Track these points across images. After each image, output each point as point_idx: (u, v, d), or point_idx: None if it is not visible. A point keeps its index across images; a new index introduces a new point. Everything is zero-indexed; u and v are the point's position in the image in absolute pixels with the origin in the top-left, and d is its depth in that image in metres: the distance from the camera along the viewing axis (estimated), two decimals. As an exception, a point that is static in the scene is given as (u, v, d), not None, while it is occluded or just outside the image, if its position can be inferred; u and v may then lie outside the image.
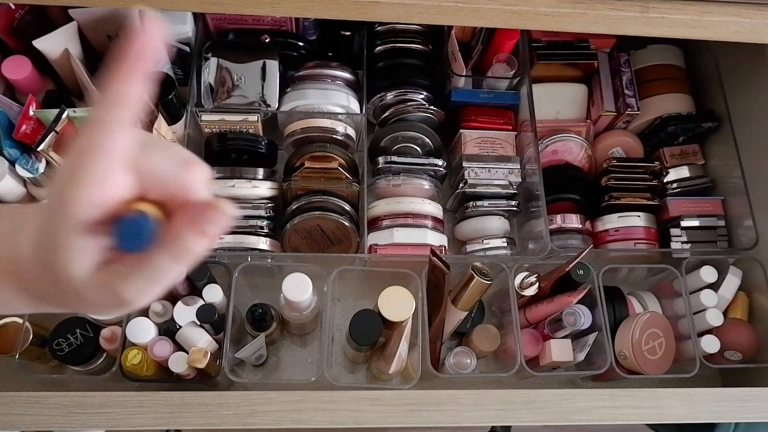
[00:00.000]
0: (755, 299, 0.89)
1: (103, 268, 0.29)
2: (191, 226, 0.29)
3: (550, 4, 0.65)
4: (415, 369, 0.78)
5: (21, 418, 0.63)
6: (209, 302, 0.79)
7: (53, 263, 0.29)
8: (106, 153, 0.27)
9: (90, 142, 0.27)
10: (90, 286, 0.29)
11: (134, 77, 0.27)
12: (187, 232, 0.29)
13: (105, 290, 0.29)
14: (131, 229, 0.28)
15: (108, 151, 0.27)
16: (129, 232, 0.28)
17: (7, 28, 0.79)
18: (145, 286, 0.29)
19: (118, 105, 0.27)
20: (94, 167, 0.27)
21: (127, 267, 0.29)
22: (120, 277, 0.29)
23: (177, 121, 0.86)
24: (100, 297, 0.30)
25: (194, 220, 0.29)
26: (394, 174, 0.90)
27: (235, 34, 0.91)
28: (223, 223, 0.29)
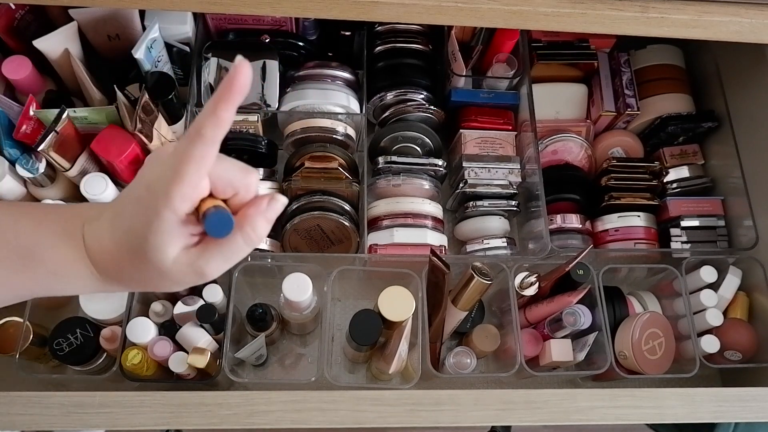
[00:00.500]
0: (755, 299, 0.89)
1: (189, 251, 0.37)
2: (260, 215, 0.37)
3: (550, 4, 0.65)
4: (415, 369, 0.78)
5: (21, 418, 0.63)
6: (209, 302, 0.79)
7: (151, 247, 0.36)
8: (205, 161, 0.34)
9: (194, 151, 0.34)
10: (177, 265, 0.37)
11: (233, 107, 0.34)
12: (258, 219, 0.37)
13: (191, 268, 0.37)
14: (220, 220, 0.35)
15: (206, 160, 0.34)
16: (218, 222, 0.35)
17: (7, 28, 0.79)
18: (223, 263, 0.37)
19: (220, 126, 0.34)
20: (195, 171, 0.34)
21: (210, 249, 0.37)
22: (204, 257, 0.37)
23: (177, 121, 0.86)
24: (183, 274, 0.37)
25: (262, 210, 0.37)
26: (394, 174, 0.90)
27: (235, 34, 0.91)
28: (280, 210, 0.38)
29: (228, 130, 0.34)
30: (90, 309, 0.79)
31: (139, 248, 0.36)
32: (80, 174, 0.82)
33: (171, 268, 0.37)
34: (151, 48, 0.82)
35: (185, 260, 0.37)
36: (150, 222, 0.35)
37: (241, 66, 0.33)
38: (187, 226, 0.36)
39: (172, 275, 0.37)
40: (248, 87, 0.34)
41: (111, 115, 0.81)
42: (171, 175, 0.34)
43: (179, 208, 0.35)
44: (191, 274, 0.37)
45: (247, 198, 0.38)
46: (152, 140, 0.80)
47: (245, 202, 0.38)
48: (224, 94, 0.33)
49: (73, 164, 0.81)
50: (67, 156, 0.79)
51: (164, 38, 0.85)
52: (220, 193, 0.37)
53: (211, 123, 0.34)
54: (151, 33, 0.81)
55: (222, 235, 0.36)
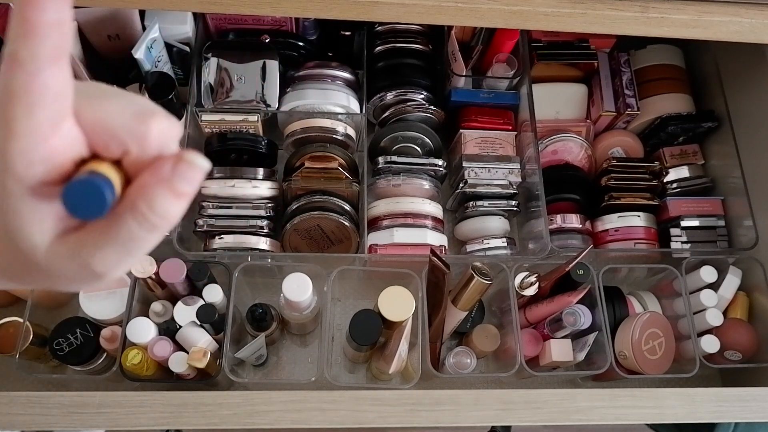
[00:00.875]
0: (755, 299, 0.89)
1: (68, 237, 0.26)
2: (162, 185, 0.25)
3: (550, 4, 0.65)
4: (415, 369, 0.78)
5: (21, 418, 0.63)
6: (209, 302, 0.79)
7: (11, 233, 0.25)
8: (37, 96, 0.23)
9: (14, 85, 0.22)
10: (56, 258, 0.26)
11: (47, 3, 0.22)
12: (157, 191, 0.25)
13: (74, 261, 0.26)
14: (82, 192, 0.24)
15: (38, 94, 0.23)
16: (80, 196, 0.24)
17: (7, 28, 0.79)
18: (118, 257, 0.26)
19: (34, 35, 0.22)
20: (25, 114, 0.23)
21: (94, 235, 0.25)
22: (88, 246, 0.25)
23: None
24: (68, 269, 0.26)
25: (163, 176, 0.25)
26: (394, 174, 0.90)
27: (235, 34, 0.91)
28: (197, 177, 0.26)
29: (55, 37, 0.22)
30: (90, 309, 0.79)
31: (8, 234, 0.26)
32: (80, 174, 0.82)
33: (45, 260, 0.26)
34: (151, 48, 0.82)
35: (63, 250, 0.26)
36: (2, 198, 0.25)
37: None
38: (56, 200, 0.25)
39: (52, 269, 0.26)
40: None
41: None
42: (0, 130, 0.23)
43: (25, 173, 0.24)
44: (77, 268, 0.26)
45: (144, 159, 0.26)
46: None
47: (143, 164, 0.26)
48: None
49: (73, 164, 0.81)
50: (67, 156, 0.79)
51: (164, 38, 0.85)
52: (103, 149, 0.26)
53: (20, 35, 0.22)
54: (151, 33, 0.81)
55: (90, 215, 0.24)
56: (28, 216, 0.25)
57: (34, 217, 0.25)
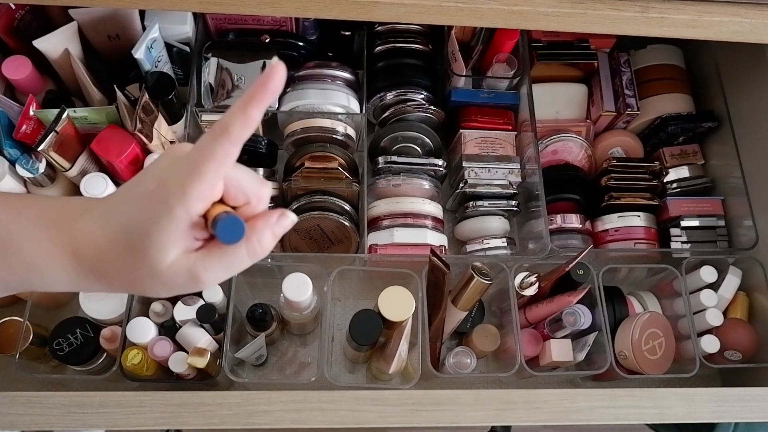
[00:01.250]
0: (755, 299, 0.89)
1: (190, 255, 0.35)
2: (269, 229, 0.36)
3: (550, 4, 0.65)
4: (415, 369, 0.78)
5: (21, 418, 0.63)
6: (209, 302, 0.79)
7: (149, 245, 0.34)
8: (226, 160, 0.33)
9: (217, 148, 0.32)
10: (173, 268, 0.35)
11: (263, 107, 0.32)
12: (266, 233, 0.36)
13: (187, 273, 0.35)
14: (233, 225, 0.34)
15: (227, 159, 0.33)
16: (231, 227, 0.34)
17: (7, 28, 0.79)
18: (222, 272, 0.36)
19: (247, 125, 0.32)
20: (215, 169, 0.33)
21: (212, 256, 0.35)
22: (204, 263, 0.35)
23: (177, 121, 0.86)
24: (178, 278, 0.35)
25: (271, 224, 0.36)
26: (394, 174, 0.90)
27: (235, 34, 0.91)
28: (288, 227, 0.37)
29: (254, 131, 0.33)
30: (90, 309, 0.79)
31: (138, 245, 0.34)
32: (80, 174, 0.82)
33: (166, 270, 0.35)
34: (151, 48, 0.82)
35: (183, 264, 0.35)
36: (158, 218, 0.33)
37: (278, 67, 0.32)
38: (194, 229, 0.35)
39: (166, 278, 0.35)
40: (280, 89, 0.33)
41: (111, 115, 0.81)
42: (189, 171, 0.33)
43: (193, 207, 0.33)
44: (186, 279, 0.35)
45: (257, 209, 0.37)
46: (152, 140, 0.80)
47: (255, 213, 0.37)
48: (257, 93, 0.32)
49: (73, 164, 0.81)
50: (67, 156, 0.80)
51: (164, 38, 0.85)
52: (232, 199, 0.36)
53: (239, 121, 0.32)
54: (151, 33, 0.81)
55: (233, 241, 0.34)
56: (176, 235, 0.34)
57: (179, 237, 0.34)
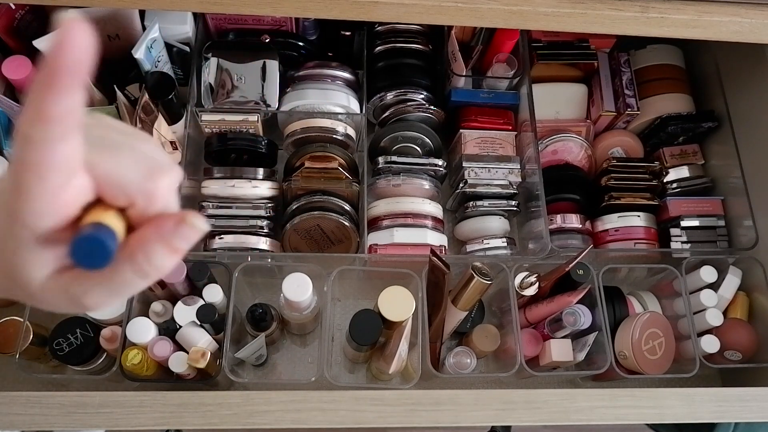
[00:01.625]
0: (755, 299, 0.89)
1: (63, 275, 0.28)
2: (161, 241, 0.27)
3: (550, 4, 0.65)
4: (415, 369, 0.78)
5: (21, 418, 0.63)
6: (209, 302, 0.79)
7: (11, 267, 0.28)
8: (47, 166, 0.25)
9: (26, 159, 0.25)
10: (49, 290, 0.28)
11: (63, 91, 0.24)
12: (156, 247, 0.27)
13: (65, 295, 0.28)
14: (88, 245, 0.26)
15: (48, 164, 0.25)
16: (86, 249, 0.26)
17: (7, 28, 0.79)
18: (107, 297, 0.29)
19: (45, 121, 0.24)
20: (37, 181, 0.25)
21: (90, 277, 0.28)
22: (82, 285, 0.28)
23: (177, 121, 0.86)
24: (59, 301, 0.29)
25: (164, 234, 0.27)
26: (394, 174, 0.90)
27: (235, 34, 0.91)
28: (195, 238, 0.28)
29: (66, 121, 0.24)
30: (90, 309, 0.79)
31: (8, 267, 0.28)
32: (80, 174, 0.82)
33: (40, 293, 0.29)
34: (151, 48, 0.82)
35: (57, 286, 0.28)
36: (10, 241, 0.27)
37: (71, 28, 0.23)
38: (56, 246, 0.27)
39: (44, 298, 0.29)
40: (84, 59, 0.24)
41: (111, 115, 0.81)
42: (12, 191, 0.26)
43: (35, 224, 0.26)
44: (66, 301, 0.29)
45: (148, 211, 0.28)
46: (152, 140, 0.80)
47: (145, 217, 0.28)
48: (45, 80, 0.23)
49: (73, 164, 0.81)
50: (67, 156, 0.79)
51: (164, 38, 0.85)
52: (111, 199, 0.28)
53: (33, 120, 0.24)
54: (151, 33, 0.81)
55: (93, 266, 0.26)
56: (31, 257, 0.27)
57: (36, 258, 0.27)
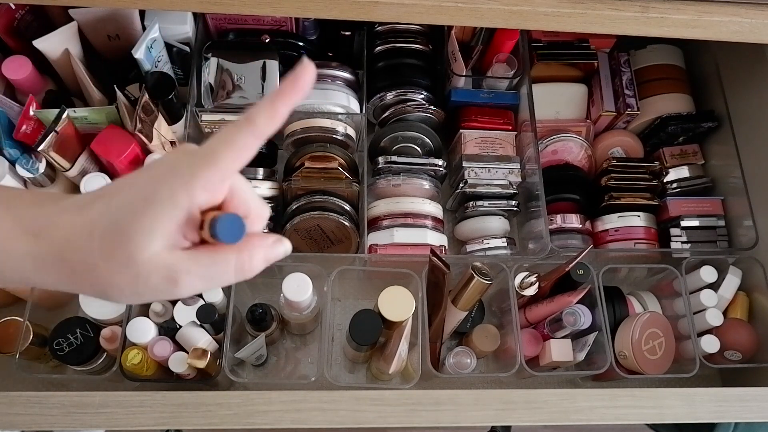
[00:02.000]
0: (755, 299, 0.89)
1: (173, 252, 0.32)
2: (263, 248, 0.34)
3: (550, 4, 0.65)
4: (415, 369, 0.78)
5: (21, 418, 0.63)
6: (209, 302, 0.79)
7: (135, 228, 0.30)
8: (245, 152, 0.31)
9: (239, 137, 0.31)
10: (152, 262, 0.31)
11: (291, 105, 0.31)
12: (259, 251, 0.34)
13: (165, 271, 0.31)
14: (235, 223, 0.32)
15: (246, 152, 0.31)
16: (232, 225, 0.31)
17: (7, 28, 0.79)
18: (202, 282, 0.33)
19: (273, 119, 0.31)
20: (232, 159, 0.31)
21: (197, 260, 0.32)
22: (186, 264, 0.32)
23: (177, 121, 0.86)
24: (154, 276, 0.31)
25: (266, 244, 0.34)
26: (394, 174, 0.90)
27: (235, 34, 0.91)
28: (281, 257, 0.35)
29: (278, 129, 0.32)
30: (90, 309, 0.79)
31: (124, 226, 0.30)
32: (80, 174, 0.82)
33: (145, 262, 0.31)
34: (151, 48, 0.82)
35: (165, 260, 0.31)
36: (156, 199, 0.30)
37: (309, 66, 0.31)
38: (188, 225, 0.32)
39: (141, 270, 0.31)
40: (309, 90, 0.31)
41: (111, 115, 0.81)
42: (204, 156, 0.31)
43: (198, 195, 0.31)
44: (162, 279, 0.31)
45: (254, 227, 0.35)
46: (152, 140, 0.80)
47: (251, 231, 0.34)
48: (286, 89, 0.31)
49: (73, 164, 0.81)
50: (67, 156, 0.79)
51: (164, 38, 0.85)
52: (232, 208, 0.33)
53: (266, 114, 0.31)
54: (151, 33, 0.81)
55: (231, 240, 0.32)
56: (168, 224, 0.30)
57: (169, 227, 0.31)
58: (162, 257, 0.31)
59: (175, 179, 0.30)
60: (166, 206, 0.30)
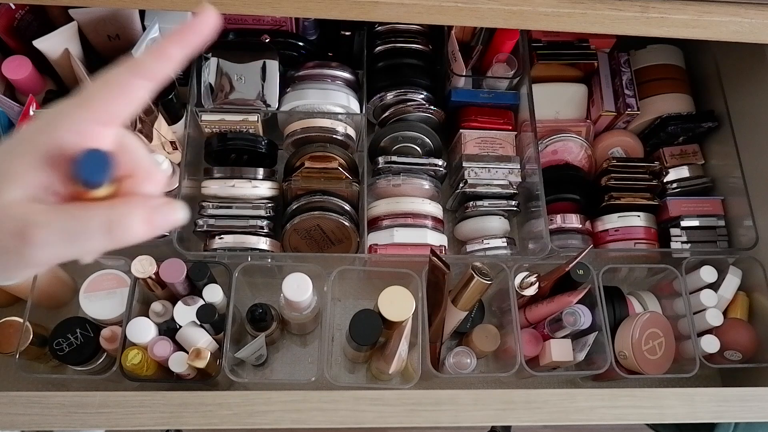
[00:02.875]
0: (755, 299, 0.89)
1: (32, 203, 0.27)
2: (144, 208, 0.28)
3: (550, 4, 0.65)
4: (415, 369, 0.78)
5: (21, 418, 0.63)
6: (209, 302, 0.79)
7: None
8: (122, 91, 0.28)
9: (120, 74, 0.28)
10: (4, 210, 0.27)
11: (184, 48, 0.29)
12: (137, 211, 0.28)
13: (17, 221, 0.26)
14: (93, 158, 0.27)
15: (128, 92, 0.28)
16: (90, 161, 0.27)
17: (7, 28, 0.79)
18: (59, 239, 0.27)
19: (161, 59, 0.28)
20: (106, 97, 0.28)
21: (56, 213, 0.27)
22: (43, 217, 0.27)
23: (177, 121, 0.86)
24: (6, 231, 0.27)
25: (150, 205, 0.28)
26: (394, 174, 0.90)
27: (235, 34, 0.91)
28: (170, 224, 0.29)
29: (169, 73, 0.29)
30: (90, 309, 0.79)
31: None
32: (80, 174, 0.82)
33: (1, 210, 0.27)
34: (151, 48, 0.82)
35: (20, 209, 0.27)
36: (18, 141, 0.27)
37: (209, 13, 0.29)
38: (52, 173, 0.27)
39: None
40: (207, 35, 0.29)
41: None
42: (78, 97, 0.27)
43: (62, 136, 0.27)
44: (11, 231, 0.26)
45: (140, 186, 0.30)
46: (152, 140, 0.80)
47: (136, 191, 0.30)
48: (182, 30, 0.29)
49: (73, 164, 0.81)
50: (67, 156, 0.79)
51: (164, 38, 0.85)
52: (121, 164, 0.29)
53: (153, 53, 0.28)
54: (151, 33, 0.81)
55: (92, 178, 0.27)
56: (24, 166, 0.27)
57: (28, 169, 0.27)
58: (15, 207, 0.27)
59: (40, 120, 0.27)
60: (25, 146, 0.27)
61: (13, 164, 0.27)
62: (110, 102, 0.28)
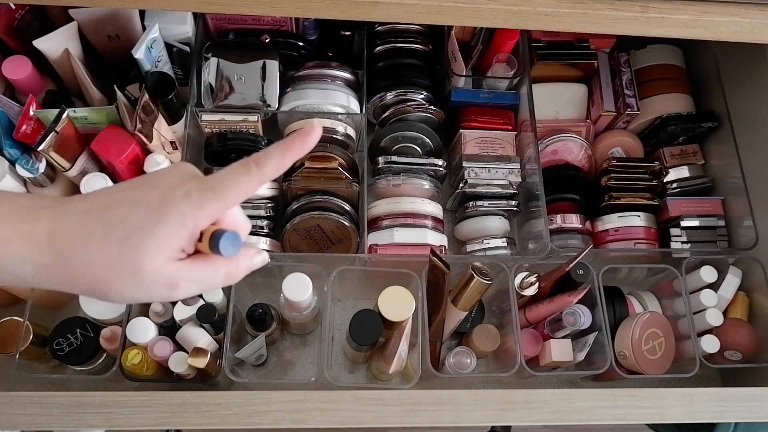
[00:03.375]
0: (755, 299, 0.89)
1: (174, 262, 0.37)
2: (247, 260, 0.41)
3: (550, 4, 0.65)
4: (415, 369, 0.78)
5: (21, 418, 0.63)
6: (209, 302, 0.79)
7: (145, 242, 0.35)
8: (246, 192, 0.37)
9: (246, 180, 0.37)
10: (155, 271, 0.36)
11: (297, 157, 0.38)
12: (244, 262, 0.41)
13: (168, 279, 0.37)
14: (229, 237, 0.37)
15: (248, 192, 0.37)
16: (231, 240, 0.37)
17: (7, 28, 0.79)
18: (197, 286, 0.39)
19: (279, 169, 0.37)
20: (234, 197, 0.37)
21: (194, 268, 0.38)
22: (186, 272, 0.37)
23: (177, 121, 0.86)
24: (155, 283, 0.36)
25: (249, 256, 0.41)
26: (394, 174, 0.90)
27: (235, 34, 0.91)
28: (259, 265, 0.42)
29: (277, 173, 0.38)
30: (90, 309, 0.79)
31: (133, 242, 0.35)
32: (80, 174, 0.82)
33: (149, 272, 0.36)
34: (151, 48, 0.82)
35: (167, 270, 0.37)
36: (167, 221, 0.36)
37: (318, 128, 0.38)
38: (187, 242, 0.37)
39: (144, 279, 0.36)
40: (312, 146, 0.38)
41: (111, 115, 0.81)
42: (213, 191, 0.36)
43: (202, 222, 0.37)
44: (163, 285, 0.37)
45: None
46: (152, 140, 0.80)
47: None
48: (296, 143, 0.37)
49: (73, 164, 0.81)
50: (67, 156, 0.80)
51: (164, 38, 0.85)
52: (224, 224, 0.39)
53: (275, 163, 0.37)
54: (151, 33, 0.81)
55: (232, 253, 0.38)
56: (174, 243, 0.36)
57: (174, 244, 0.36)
58: (163, 268, 0.36)
59: (186, 205, 0.36)
60: (175, 228, 0.36)
61: (166, 240, 0.36)
62: (239, 199, 0.38)
